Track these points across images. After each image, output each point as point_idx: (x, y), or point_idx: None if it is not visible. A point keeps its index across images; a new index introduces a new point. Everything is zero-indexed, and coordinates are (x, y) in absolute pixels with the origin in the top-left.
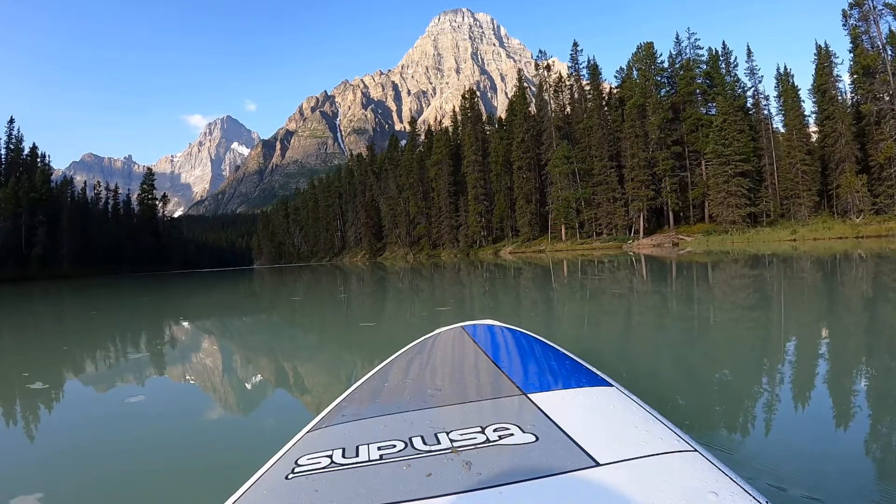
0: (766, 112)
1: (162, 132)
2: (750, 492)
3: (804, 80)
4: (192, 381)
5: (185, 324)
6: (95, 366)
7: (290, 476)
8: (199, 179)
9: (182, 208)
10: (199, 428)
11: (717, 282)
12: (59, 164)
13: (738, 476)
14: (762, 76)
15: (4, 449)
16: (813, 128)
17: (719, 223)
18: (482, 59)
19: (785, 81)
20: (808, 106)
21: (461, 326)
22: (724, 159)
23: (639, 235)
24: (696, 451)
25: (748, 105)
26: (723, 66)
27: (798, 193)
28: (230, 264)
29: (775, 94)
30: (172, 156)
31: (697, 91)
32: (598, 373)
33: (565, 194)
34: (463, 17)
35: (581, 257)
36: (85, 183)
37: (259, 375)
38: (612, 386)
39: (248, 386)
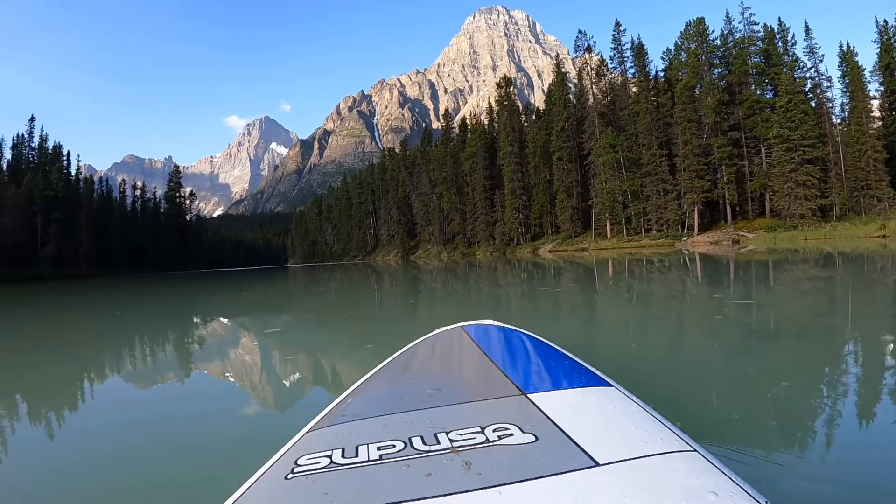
0: (829, 94)
1: (201, 133)
2: (750, 492)
3: (863, 62)
4: (191, 381)
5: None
6: (87, 370)
7: (289, 476)
8: (238, 179)
9: (221, 208)
10: (199, 428)
11: (818, 292)
12: (101, 165)
13: (738, 476)
14: (822, 55)
15: None
16: (874, 112)
17: (783, 218)
18: (518, 57)
19: (850, 60)
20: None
21: (461, 326)
22: (790, 145)
23: (693, 232)
24: (695, 451)
25: (807, 87)
26: (779, 44)
27: (870, 184)
28: (265, 263)
29: (838, 74)
30: (212, 156)
31: (754, 70)
32: (598, 373)
33: (610, 186)
34: (498, 15)
35: (629, 256)
36: (123, 182)
37: (259, 376)
38: (612, 386)
39: (248, 386)
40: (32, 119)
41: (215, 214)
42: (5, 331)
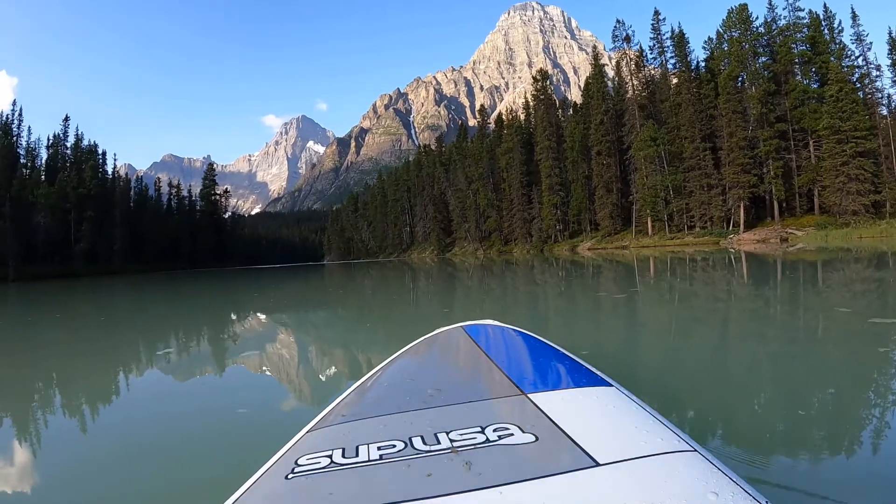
0: (878, 84)
1: (239, 132)
2: (750, 492)
3: None
4: (191, 382)
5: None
6: (83, 369)
7: (289, 476)
8: (275, 178)
9: (259, 206)
10: (199, 428)
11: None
12: (141, 165)
13: (738, 476)
14: (871, 43)
15: None
16: None
17: (833, 214)
18: (554, 53)
19: None
20: None
21: (461, 326)
22: (841, 136)
23: (739, 229)
24: (695, 451)
25: (855, 77)
26: (825, 32)
27: None
28: (301, 259)
29: (888, 62)
30: (250, 155)
31: (800, 59)
32: (598, 373)
33: (652, 181)
34: (533, 11)
35: (671, 254)
36: (158, 180)
37: (259, 376)
38: (612, 386)
39: (248, 386)
40: (67, 119)
41: (253, 212)
42: None
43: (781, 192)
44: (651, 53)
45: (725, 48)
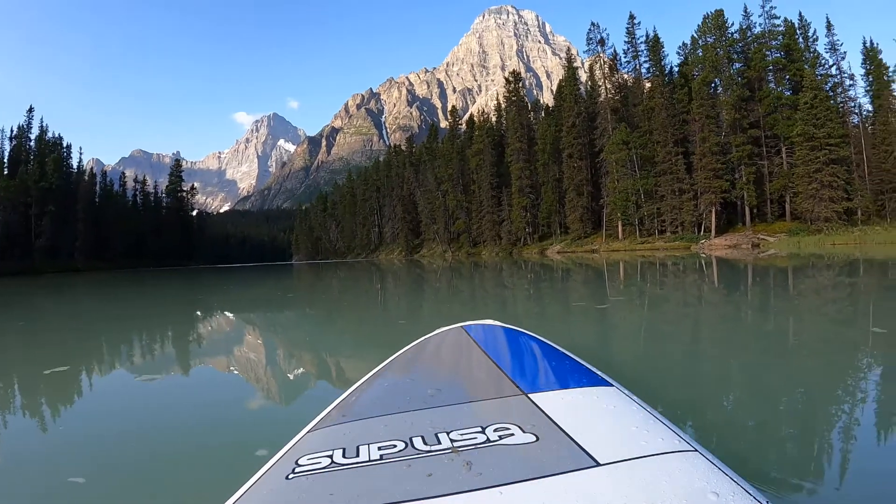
0: (851, 93)
1: (209, 129)
2: (750, 492)
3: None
4: (189, 382)
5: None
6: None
7: (290, 476)
8: (245, 175)
9: (229, 204)
10: (199, 428)
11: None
12: (110, 160)
13: (739, 476)
14: (845, 52)
15: None
16: None
17: (805, 221)
18: (528, 57)
19: (874, 57)
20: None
21: (461, 326)
22: (815, 143)
23: (710, 234)
24: (696, 451)
25: (828, 86)
26: (800, 40)
27: None
28: (269, 259)
29: (862, 72)
30: (220, 152)
31: (774, 66)
32: (599, 373)
33: (623, 185)
34: (508, 15)
35: (642, 259)
36: (123, 175)
37: (259, 376)
38: (613, 386)
39: (248, 386)
40: (31, 110)
41: (222, 210)
42: None
43: (753, 197)
44: (625, 57)
45: (700, 54)
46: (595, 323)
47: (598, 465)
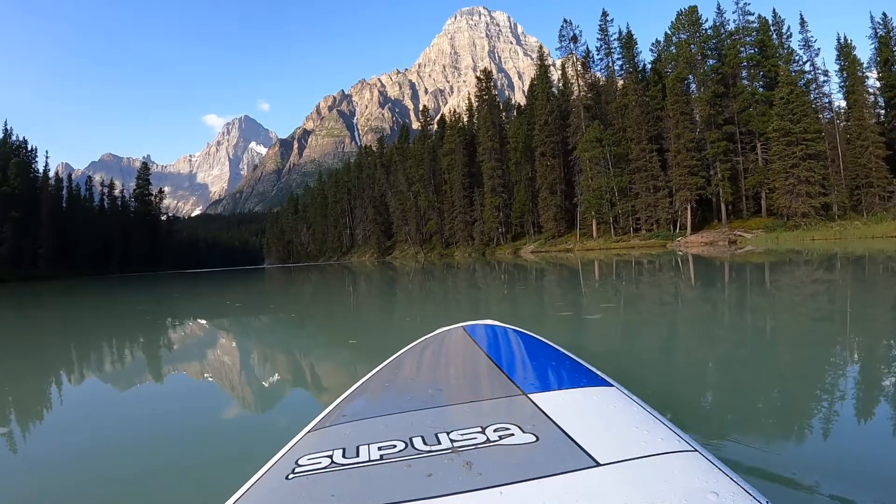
0: (825, 89)
1: (180, 132)
2: (750, 492)
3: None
4: (191, 382)
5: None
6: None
7: (290, 476)
8: (217, 179)
9: (200, 208)
10: (199, 429)
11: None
12: (79, 164)
13: (739, 476)
14: (819, 49)
15: None
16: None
17: (781, 216)
18: (499, 58)
19: (848, 54)
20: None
21: (462, 326)
22: (791, 138)
23: (686, 231)
24: (696, 451)
25: (802, 82)
26: (774, 37)
27: (871, 182)
28: (241, 263)
29: (836, 68)
30: (191, 155)
31: (748, 62)
32: (599, 373)
33: (596, 183)
34: (480, 16)
35: (617, 257)
36: (89, 179)
37: (259, 376)
38: (613, 386)
39: (248, 386)
40: None
41: (193, 214)
42: None
43: (729, 194)
44: (598, 55)
45: (673, 51)
46: (576, 323)
47: (598, 465)
